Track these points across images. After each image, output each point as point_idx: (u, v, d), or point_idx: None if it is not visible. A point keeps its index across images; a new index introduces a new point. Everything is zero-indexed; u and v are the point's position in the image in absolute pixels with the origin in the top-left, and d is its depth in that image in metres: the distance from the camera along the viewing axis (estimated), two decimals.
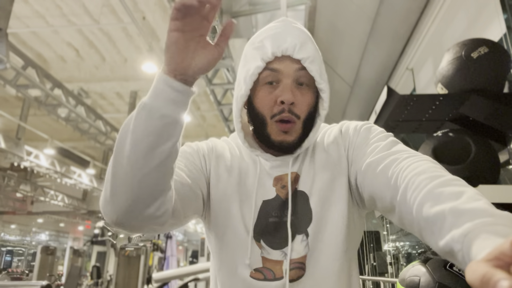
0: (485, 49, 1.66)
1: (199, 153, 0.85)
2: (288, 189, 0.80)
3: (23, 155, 8.39)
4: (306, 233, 0.78)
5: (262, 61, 0.78)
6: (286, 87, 0.77)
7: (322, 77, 0.79)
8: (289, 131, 0.78)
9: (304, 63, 0.77)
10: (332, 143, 0.85)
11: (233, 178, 0.83)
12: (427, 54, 3.98)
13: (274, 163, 0.83)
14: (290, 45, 0.77)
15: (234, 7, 5.19)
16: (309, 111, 0.80)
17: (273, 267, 0.77)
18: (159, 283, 3.55)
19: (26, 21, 6.94)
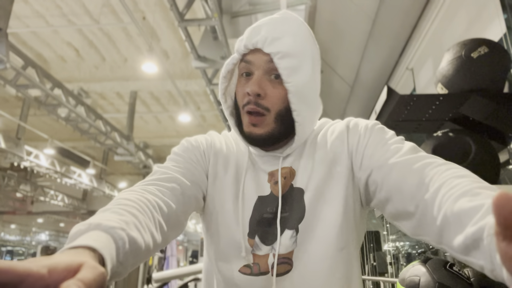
0: (485, 49, 1.66)
1: (199, 149, 0.85)
2: (279, 186, 0.79)
3: (23, 155, 8.39)
4: (297, 229, 0.76)
5: (237, 53, 0.80)
6: (254, 79, 0.76)
7: (293, 76, 0.75)
8: (258, 124, 0.77)
9: (273, 58, 0.74)
10: (336, 139, 0.81)
11: (229, 175, 0.83)
12: (427, 54, 3.98)
13: (264, 159, 0.83)
14: (261, 38, 0.75)
15: (234, 7, 5.19)
16: (285, 105, 0.76)
17: (260, 261, 0.77)
18: (159, 283, 3.55)
19: (26, 21, 6.94)
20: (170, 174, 0.75)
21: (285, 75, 0.74)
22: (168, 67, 7.04)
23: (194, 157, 0.83)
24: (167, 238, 0.68)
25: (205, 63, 5.10)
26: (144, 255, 0.57)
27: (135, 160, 9.57)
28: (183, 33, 4.52)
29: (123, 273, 0.51)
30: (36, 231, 21.72)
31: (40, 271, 0.33)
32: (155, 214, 0.64)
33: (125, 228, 0.51)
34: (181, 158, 0.81)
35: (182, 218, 0.73)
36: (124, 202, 0.60)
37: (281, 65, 0.74)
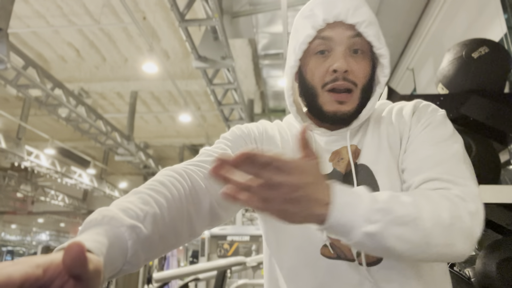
0: (486, 49, 1.66)
1: (250, 136, 0.81)
2: (350, 160, 0.74)
3: (23, 155, 8.39)
4: None
5: (312, 29, 0.73)
6: (339, 55, 0.72)
7: (381, 42, 0.74)
8: (346, 101, 0.73)
9: (359, 28, 0.72)
10: (403, 122, 0.76)
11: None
12: (427, 54, 3.98)
13: (330, 138, 0.78)
14: (343, 9, 0.71)
15: (234, 7, 5.20)
16: (367, 79, 0.75)
17: (341, 246, 0.69)
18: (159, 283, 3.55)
19: (27, 21, 6.94)
20: (215, 156, 0.72)
21: (375, 41, 0.73)
22: (168, 67, 7.04)
23: (243, 143, 0.79)
24: (199, 229, 0.65)
25: (205, 63, 5.10)
26: (163, 249, 0.57)
27: (135, 160, 9.57)
28: (184, 33, 4.52)
29: (134, 269, 0.52)
30: (37, 231, 21.72)
31: (35, 273, 0.34)
32: (185, 203, 0.61)
33: (138, 225, 0.51)
34: (230, 143, 0.77)
35: (219, 210, 0.68)
36: (157, 188, 0.59)
37: (369, 32, 0.72)
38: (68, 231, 20.91)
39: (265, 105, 8.92)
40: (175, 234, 0.59)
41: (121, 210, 0.52)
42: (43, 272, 0.35)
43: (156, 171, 10.79)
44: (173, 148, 12.70)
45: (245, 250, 6.34)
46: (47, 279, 0.35)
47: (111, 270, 0.46)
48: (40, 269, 0.35)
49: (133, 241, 0.50)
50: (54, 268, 0.35)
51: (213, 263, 3.65)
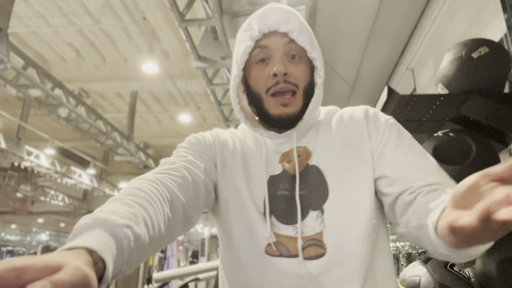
0: (486, 49, 1.66)
1: (205, 142, 0.86)
2: (295, 162, 0.78)
3: (23, 155, 8.39)
4: (322, 209, 0.75)
5: (250, 40, 0.79)
6: (277, 61, 0.78)
7: (313, 47, 0.80)
8: (289, 103, 0.78)
9: (291, 35, 0.78)
10: (355, 127, 0.82)
11: (237, 160, 0.83)
12: (427, 54, 3.98)
13: (278, 140, 0.83)
14: (275, 20, 0.78)
15: (234, 7, 5.20)
16: (308, 81, 0.80)
17: (287, 243, 0.74)
18: (159, 283, 3.55)
19: (27, 21, 6.94)
20: (179, 163, 0.75)
21: (307, 46, 0.79)
22: (168, 67, 7.04)
23: (201, 150, 0.83)
24: (174, 232, 0.67)
25: (205, 63, 5.10)
26: (150, 251, 0.57)
27: (135, 160, 9.56)
28: (184, 33, 4.52)
29: (129, 270, 0.51)
30: (37, 231, 21.72)
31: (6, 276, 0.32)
32: (164, 207, 0.63)
33: (131, 225, 0.51)
34: (188, 150, 0.81)
35: (191, 213, 0.71)
36: (135, 193, 0.59)
37: (301, 38, 0.78)
38: (68, 231, 20.90)
39: None
40: (159, 236, 0.59)
41: (111, 212, 0.51)
42: (17, 275, 0.33)
43: None
44: (173, 148, 12.46)
45: None
46: (23, 282, 0.33)
47: (114, 269, 0.45)
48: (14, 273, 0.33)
49: (128, 240, 0.49)
50: (34, 272, 0.33)
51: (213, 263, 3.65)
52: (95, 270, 0.40)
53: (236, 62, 0.82)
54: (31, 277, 0.33)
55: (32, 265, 0.34)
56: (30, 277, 0.33)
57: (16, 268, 0.33)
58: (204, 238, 6.59)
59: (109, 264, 0.43)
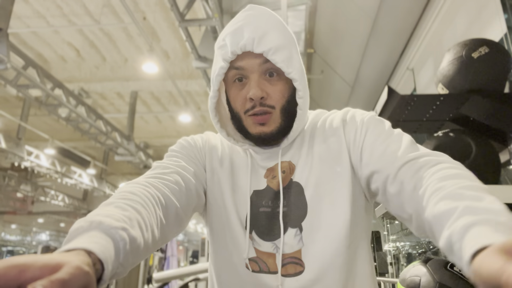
0: (486, 49, 1.66)
1: (196, 147, 0.86)
2: (279, 179, 0.78)
3: (23, 155, 8.39)
4: (300, 227, 0.75)
5: (224, 62, 0.76)
6: (253, 83, 0.75)
7: (291, 66, 0.75)
8: (266, 123, 0.77)
9: (266, 55, 0.73)
10: (333, 135, 0.81)
11: (225, 169, 0.83)
12: (427, 54, 3.98)
13: (263, 155, 0.83)
14: (248, 40, 0.73)
15: (234, 7, 5.20)
16: (286, 100, 0.78)
17: (266, 260, 0.75)
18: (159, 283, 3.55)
19: (27, 21, 6.94)
20: (172, 168, 0.75)
21: (284, 67, 0.74)
22: (168, 67, 7.04)
23: (192, 153, 0.84)
24: (167, 235, 0.67)
25: (205, 63, 5.10)
26: (144, 254, 0.57)
27: (135, 160, 9.57)
28: (184, 33, 4.52)
29: (124, 272, 0.51)
30: (37, 231, 21.73)
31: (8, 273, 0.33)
32: (157, 210, 0.63)
33: (126, 227, 0.51)
34: (180, 155, 0.82)
35: (183, 215, 0.72)
36: (129, 196, 0.59)
37: (277, 59, 0.73)
38: (68, 231, 20.87)
39: None
40: (153, 239, 0.60)
41: (106, 216, 0.51)
42: (19, 273, 0.33)
43: None
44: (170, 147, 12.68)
45: None
46: (24, 280, 0.33)
47: (111, 271, 0.45)
48: (15, 270, 0.33)
49: (124, 243, 0.49)
50: (34, 270, 0.34)
51: None
52: (94, 271, 0.40)
53: (212, 83, 0.80)
54: (32, 275, 0.33)
55: (33, 263, 0.34)
56: (31, 275, 0.33)
57: (17, 265, 0.33)
58: (204, 238, 6.60)
59: (107, 266, 0.43)
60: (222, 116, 0.87)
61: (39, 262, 0.35)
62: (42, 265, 0.34)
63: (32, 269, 0.34)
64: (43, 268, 0.34)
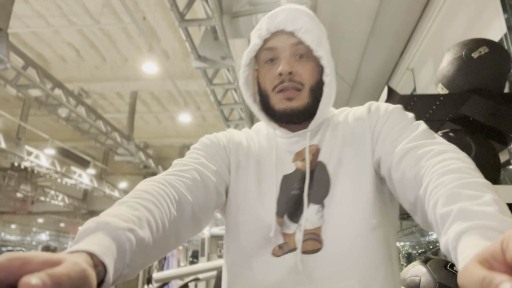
0: (486, 49, 1.66)
1: (219, 144, 0.86)
2: (306, 160, 0.79)
3: (23, 155, 8.39)
4: (322, 204, 0.75)
5: (259, 39, 0.82)
6: (283, 61, 0.80)
7: (320, 45, 0.80)
8: (294, 98, 0.79)
9: (297, 34, 0.79)
10: (358, 120, 0.83)
11: (251, 162, 0.83)
12: (427, 54, 3.98)
13: (292, 140, 0.83)
14: (283, 19, 0.80)
15: (234, 7, 5.20)
16: (315, 81, 0.81)
17: (289, 240, 0.74)
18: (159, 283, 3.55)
19: (27, 21, 6.94)
20: (191, 165, 0.75)
21: (313, 45, 0.79)
22: (168, 67, 7.04)
23: (214, 151, 0.83)
24: (182, 235, 0.66)
25: (205, 63, 5.10)
26: (156, 254, 0.57)
27: (135, 160, 9.57)
28: (184, 33, 4.52)
29: (132, 274, 0.51)
30: (37, 231, 21.72)
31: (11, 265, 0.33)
32: (172, 209, 0.63)
33: (134, 228, 0.51)
34: (202, 152, 0.82)
35: (201, 214, 0.70)
36: (142, 195, 0.59)
37: (306, 37, 0.79)
38: (68, 231, 20.91)
39: None
40: (165, 240, 0.60)
41: (114, 216, 0.51)
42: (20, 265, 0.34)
43: (156, 171, 10.79)
44: (173, 148, 12.70)
45: None
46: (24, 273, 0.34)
47: (115, 272, 0.46)
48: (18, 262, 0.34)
49: (131, 244, 0.49)
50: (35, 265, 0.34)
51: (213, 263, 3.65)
52: (96, 273, 0.41)
53: (243, 59, 0.85)
54: (33, 268, 0.34)
55: (35, 258, 0.35)
56: (32, 268, 0.34)
57: (20, 258, 0.34)
58: (204, 238, 6.59)
59: (109, 268, 0.43)
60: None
61: (41, 257, 0.36)
62: (43, 260, 0.35)
63: (33, 263, 0.34)
64: (44, 263, 0.35)
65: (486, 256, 0.30)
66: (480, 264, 0.30)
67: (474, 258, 0.31)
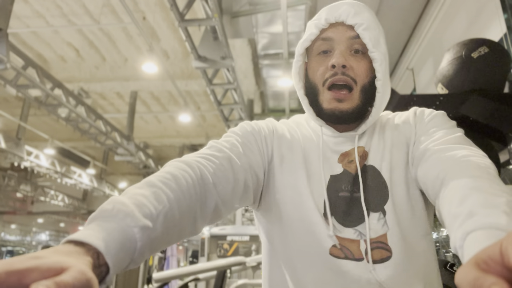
0: (486, 49, 1.66)
1: (260, 134, 0.81)
2: (356, 162, 0.76)
3: (23, 155, 8.39)
4: (383, 211, 0.73)
5: (316, 28, 0.78)
6: (338, 53, 0.75)
7: (376, 46, 0.76)
8: (344, 99, 0.75)
9: (357, 29, 0.75)
10: (404, 123, 0.82)
11: (296, 156, 0.80)
12: (427, 54, 3.98)
13: (338, 139, 0.80)
14: (344, 12, 0.76)
15: (234, 7, 5.20)
16: (368, 80, 0.77)
17: (349, 246, 0.71)
18: (159, 283, 3.55)
19: (27, 21, 6.94)
20: (226, 153, 0.71)
21: (370, 44, 0.75)
22: (168, 67, 7.04)
23: (253, 141, 0.79)
24: (198, 228, 0.64)
25: (205, 63, 5.10)
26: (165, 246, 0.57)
27: (135, 160, 9.56)
28: (183, 33, 4.51)
29: (137, 265, 0.51)
30: (37, 231, 21.71)
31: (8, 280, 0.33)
32: (194, 202, 0.61)
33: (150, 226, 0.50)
34: (240, 139, 0.77)
35: (222, 207, 0.67)
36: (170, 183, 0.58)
37: (365, 35, 0.75)
38: (68, 231, 20.90)
39: (265, 105, 8.92)
40: (179, 231, 0.59)
41: (136, 205, 0.50)
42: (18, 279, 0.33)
43: (155, 171, 10.76)
44: (173, 148, 12.70)
45: (244, 250, 6.34)
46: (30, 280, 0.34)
47: (118, 268, 0.46)
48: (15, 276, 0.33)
49: (143, 243, 0.49)
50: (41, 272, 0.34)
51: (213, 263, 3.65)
52: (98, 273, 0.41)
53: (297, 49, 0.81)
54: (38, 276, 0.34)
55: (36, 268, 0.35)
56: (36, 276, 0.34)
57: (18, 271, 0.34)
58: (204, 238, 6.59)
59: (111, 270, 0.43)
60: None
61: (46, 264, 0.35)
62: (48, 267, 0.35)
63: (34, 274, 0.34)
64: (49, 269, 0.35)
65: (483, 257, 0.30)
66: (477, 265, 0.30)
67: (472, 259, 0.31)
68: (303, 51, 0.81)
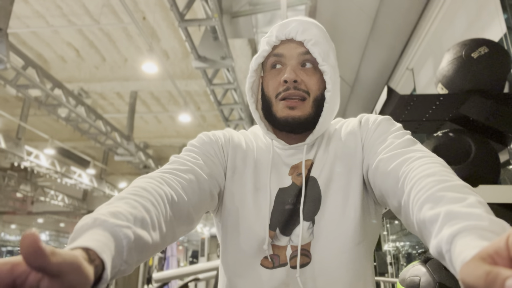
0: (486, 49, 1.66)
1: (217, 143, 0.85)
2: (303, 176, 0.79)
3: (23, 155, 8.39)
4: (313, 220, 0.77)
5: (268, 45, 0.83)
6: (288, 69, 0.80)
7: (326, 60, 0.80)
8: (297, 107, 0.79)
9: (306, 45, 0.79)
10: (350, 134, 0.84)
11: (248, 168, 0.83)
12: (427, 54, 3.98)
13: (288, 152, 0.84)
14: (293, 29, 0.81)
15: (234, 7, 5.20)
16: (320, 91, 0.81)
17: (279, 253, 0.77)
18: (159, 283, 3.55)
19: (26, 21, 6.94)
20: (188, 165, 0.74)
21: (319, 58, 0.79)
22: (168, 67, 7.04)
23: (212, 151, 0.83)
24: (176, 234, 0.67)
25: (205, 63, 5.10)
26: (151, 251, 0.57)
27: (135, 160, 9.57)
28: (183, 33, 4.52)
29: (129, 270, 0.51)
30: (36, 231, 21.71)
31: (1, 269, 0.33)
32: (167, 209, 0.63)
33: (130, 225, 0.51)
34: (199, 151, 0.81)
35: (194, 215, 0.71)
36: (141, 193, 0.59)
37: (314, 50, 0.79)
38: (68, 231, 20.90)
39: None
40: (161, 237, 0.60)
41: (111, 213, 0.51)
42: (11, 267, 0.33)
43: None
44: (173, 148, 12.70)
45: None
46: (16, 275, 0.34)
47: (112, 269, 0.46)
48: (8, 266, 0.34)
49: (128, 241, 0.49)
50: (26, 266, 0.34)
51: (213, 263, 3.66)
52: (93, 267, 0.41)
53: (251, 65, 0.85)
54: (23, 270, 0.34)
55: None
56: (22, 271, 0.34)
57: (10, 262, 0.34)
58: (204, 238, 6.60)
59: (107, 264, 0.43)
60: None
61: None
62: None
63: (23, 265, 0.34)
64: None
65: (489, 253, 0.30)
66: (483, 260, 0.30)
67: (477, 255, 0.31)
68: (257, 66, 0.85)
